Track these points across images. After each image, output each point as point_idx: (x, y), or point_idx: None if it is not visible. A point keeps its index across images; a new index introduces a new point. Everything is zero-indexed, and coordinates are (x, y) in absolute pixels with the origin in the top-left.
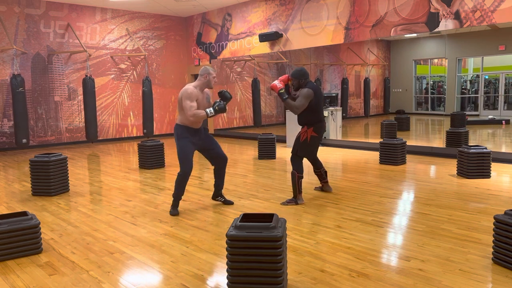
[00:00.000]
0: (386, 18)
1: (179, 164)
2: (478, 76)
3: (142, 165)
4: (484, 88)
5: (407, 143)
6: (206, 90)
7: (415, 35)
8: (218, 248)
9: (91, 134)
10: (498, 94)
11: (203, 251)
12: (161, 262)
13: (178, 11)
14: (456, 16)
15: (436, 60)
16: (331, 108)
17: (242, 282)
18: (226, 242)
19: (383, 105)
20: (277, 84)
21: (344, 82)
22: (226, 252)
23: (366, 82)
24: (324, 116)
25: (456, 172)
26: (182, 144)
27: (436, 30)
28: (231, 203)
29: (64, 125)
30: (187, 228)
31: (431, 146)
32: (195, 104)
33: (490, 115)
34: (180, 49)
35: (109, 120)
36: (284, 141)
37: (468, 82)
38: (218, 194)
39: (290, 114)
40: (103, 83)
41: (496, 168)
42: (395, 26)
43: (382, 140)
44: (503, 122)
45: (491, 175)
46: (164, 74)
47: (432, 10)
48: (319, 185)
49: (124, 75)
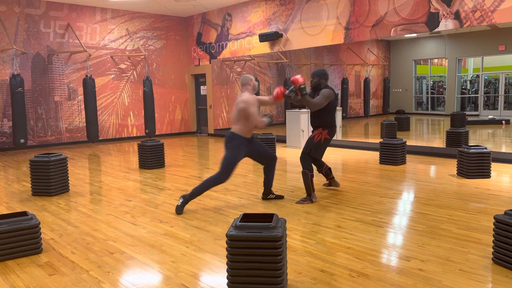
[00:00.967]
0: (386, 18)
1: (221, 168)
2: (478, 76)
3: (142, 165)
4: (484, 88)
5: (407, 143)
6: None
7: (415, 35)
8: (218, 248)
9: (92, 134)
10: (498, 94)
11: (203, 251)
12: (161, 262)
13: (178, 11)
14: (456, 16)
15: (436, 60)
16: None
17: (242, 282)
18: (226, 242)
19: (383, 105)
20: (299, 78)
21: (344, 82)
22: (226, 252)
23: (366, 82)
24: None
25: (456, 172)
26: (235, 154)
27: (436, 30)
28: (282, 197)
29: (64, 125)
30: (187, 228)
31: (431, 146)
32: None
33: (490, 115)
34: (180, 49)
35: (109, 120)
36: (284, 141)
37: (468, 82)
38: (269, 192)
39: (290, 114)
40: (103, 83)
41: (496, 168)
42: (395, 26)
43: (382, 140)
44: (503, 122)
45: (491, 175)
46: (164, 74)
47: (432, 10)
48: (326, 181)
49: (124, 75)
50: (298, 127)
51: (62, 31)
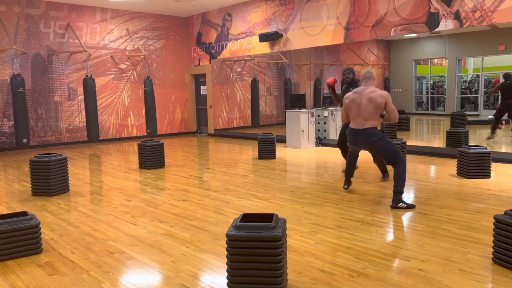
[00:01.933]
0: (386, 18)
1: (397, 157)
2: (478, 76)
3: (142, 165)
4: (484, 88)
5: (407, 143)
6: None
7: (415, 35)
8: (218, 248)
9: (93, 134)
10: (498, 94)
11: (203, 251)
12: (161, 262)
13: (178, 11)
14: (456, 16)
15: (436, 60)
16: (331, 108)
17: (242, 282)
18: (226, 242)
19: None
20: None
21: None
22: (226, 252)
23: None
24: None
25: (456, 172)
26: (389, 140)
27: (436, 30)
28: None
29: (64, 125)
30: (187, 228)
31: (431, 146)
32: None
33: (490, 115)
34: (180, 49)
35: (109, 120)
36: (284, 141)
37: (467, 82)
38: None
39: (290, 115)
40: (103, 83)
41: (496, 168)
42: (395, 26)
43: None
44: (503, 122)
45: (491, 175)
46: (164, 74)
47: (432, 10)
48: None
49: (124, 75)
50: (298, 127)
51: (62, 31)
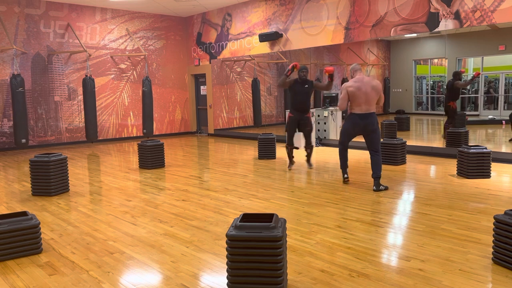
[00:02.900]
0: (386, 18)
1: (380, 145)
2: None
3: (142, 165)
4: (484, 88)
5: (407, 143)
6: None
7: (415, 35)
8: (218, 248)
9: (91, 134)
10: (498, 94)
11: (203, 251)
12: (161, 262)
13: (178, 11)
14: (456, 16)
15: (436, 60)
16: (331, 108)
17: (242, 282)
18: (226, 242)
19: (383, 105)
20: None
21: (344, 82)
22: (226, 252)
23: None
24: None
25: (456, 172)
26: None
27: (436, 30)
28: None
29: (64, 125)
30: (187, 228)
31: (431, 146)
32: None
33: (490, 115)
34: (180, 49)
35: (109, 120)
36: (284, 141)
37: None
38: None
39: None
40: (103, 83)
41: (496, 168)
42: (395, 26)
43: (382, 140)
44: (503, 122)
45: (491, 175)
46: (164, 74)
47: (432, 10)
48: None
49: (124, 75)
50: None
51: (62, 31)
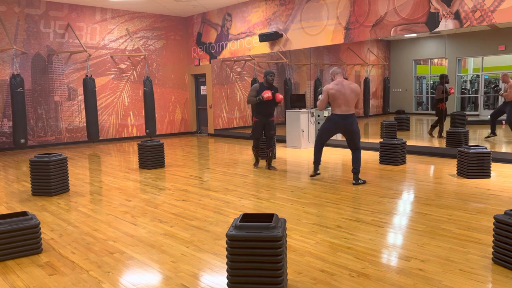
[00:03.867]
0: (386, 18)
1: (360, 142)
2: (478, 76)
3: (142, 165)
4: (484, 88)
5: (407, 143)
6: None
7: (415, 35)
8: (218, 248)
9: (93, 134)
10: (498, 94)
11: (203, 251)
12: (161, 262)
13: (178, 11)
14: (456, 16)
15: (436, 60)
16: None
17: (242, 282)
18: (226, 242)
19: (383, 105)
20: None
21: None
22: (226, 252)
23: (366, 82)
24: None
25: (456, 172)
26: None
27: (436, 30)
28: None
29: (64, 125)
30: (187, 228)
31: (431, 146)
32: None
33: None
34: (180, 49)
35: (109, 120)
36: (284, 141)
37: (468, 82)
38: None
39: (290, 114)
40: (103, 83)
41: (496, 168)
42: (395, 26)
43: (382, 140)
44: (503, 122)
45: (491, 175)
46: (164, 74)
47: (432, 10)
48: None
49: (124, 75)
50: (298, 127)
51: (62, 31)
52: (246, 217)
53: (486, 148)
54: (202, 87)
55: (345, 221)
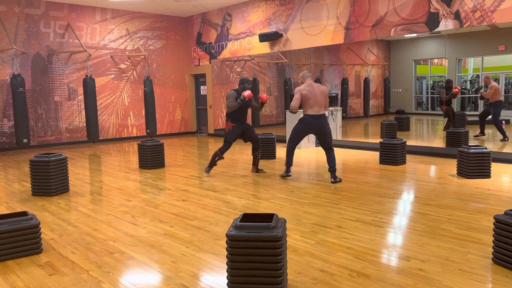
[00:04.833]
0: (386, 18)
1: (332, 142)
2: (478, 76)
3: (142, 165)
4: (484, 88)
5: (407, 143)
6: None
7: (415, 35)
8: (218, 248)
9: (92, 134)
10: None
11: (203, 251)
12: (161, 262)
13: (178, 11)
14: (456, 16)
15: (436, 60)
16: (331, 108)
17: (242, 282)
18: (226, 242)
19: (383, 105)
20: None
21: (344, 82)
22: (226, 252)
23: (366, 82)
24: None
25: (456, 172)
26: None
27: (436, 30)
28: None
29: (64, 125)
30: (187, 228)
31: (431, 146)
32: None
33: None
34: (180, 49)
35: (109, 120)
36: (284, 141)
37: (468, 82)
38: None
39: (290, 115)
40: (103, 83)
41: (496, 168)
42: (395, 26)
43: (382, 140)
44: (503, 122)
45: (491, 175)
46: (164, 74)
47: (432, 10)
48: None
49: (124, 75)
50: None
51: (62, 31)
52: (246, 217)
53: (486, 148)
54: (202, 87)
55: (345, 221)
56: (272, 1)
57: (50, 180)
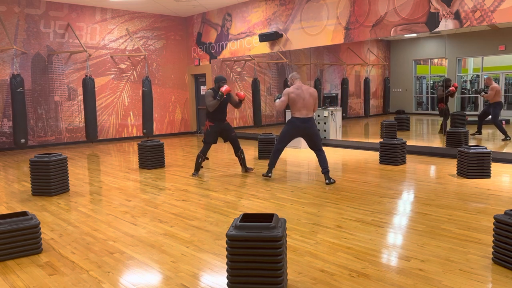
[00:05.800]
0: (386, 18)
1: (321, 144)
2: (478, 76)
3: (142, 165)
4: (484, 88)
5: (407, 143)
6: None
7: (415, 35)
8: (218, 248)
9: (91, 134)
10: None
11: (203, 251)
12: (161, 262)
13: (178, 11)
14: (456, 16)
15: (436, 60)
16: (331, 108)
17: (242, 282)
18: (226, 242)
19: (383, 105)
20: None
21: (344, 82)
22: (226, 252)
23: (366, 82)
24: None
25: (456, 172)
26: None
27: (436, 30)
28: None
29: (64, 125)
30: (187, 228)
31: (431, 146)
32: None
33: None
34: (180, 49)
35: (109, 120)
36: None
37: (468, 82)
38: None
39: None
40: (103, 83)
41: (496, 168)
42: (395, 26)
43: (382, 140)
44: (503, 122)
45: (491, 175)
46: (164, 74)
47: (432, 10)
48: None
49: (124, 75)
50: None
51: (62, 31)
52: (246, 217)
53: (486, 148)
54: (202, 87)
55: (345, 221)
56: (272, 1)
57: (50, 180)
